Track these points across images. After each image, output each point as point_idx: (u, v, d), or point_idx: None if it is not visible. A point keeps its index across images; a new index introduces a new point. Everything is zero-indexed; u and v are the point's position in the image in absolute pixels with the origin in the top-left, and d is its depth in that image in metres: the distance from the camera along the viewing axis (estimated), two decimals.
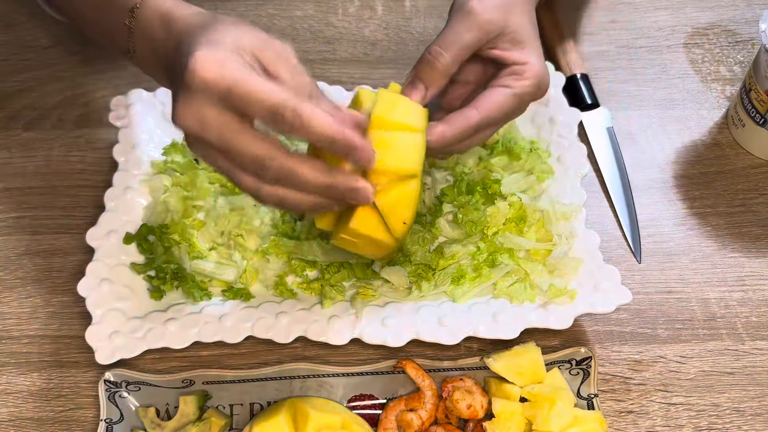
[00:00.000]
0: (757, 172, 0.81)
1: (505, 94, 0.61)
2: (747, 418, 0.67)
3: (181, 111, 0.52)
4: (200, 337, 0.66)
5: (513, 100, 0.62)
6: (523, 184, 0.75)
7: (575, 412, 0.64)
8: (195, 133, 0.52)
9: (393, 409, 0.65)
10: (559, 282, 0.68)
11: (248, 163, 0.53)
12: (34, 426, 0.67)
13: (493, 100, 0.61)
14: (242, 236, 0.72)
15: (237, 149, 0.52)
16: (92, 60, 0.89)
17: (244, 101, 0.50)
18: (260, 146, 0.52)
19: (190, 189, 0.74)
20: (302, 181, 0.53)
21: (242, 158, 0.53)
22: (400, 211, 0.59)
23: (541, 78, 0.63)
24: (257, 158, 0.52)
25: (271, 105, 0.50)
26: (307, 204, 0.55)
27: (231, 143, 0.52)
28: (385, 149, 0.57)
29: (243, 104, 0.51)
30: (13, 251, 0.76)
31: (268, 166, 0.52)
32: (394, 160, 0.57)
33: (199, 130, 0.52)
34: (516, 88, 0.62)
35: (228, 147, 0.52)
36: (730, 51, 0.91)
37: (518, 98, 0.62)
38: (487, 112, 0.61)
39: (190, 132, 0.52)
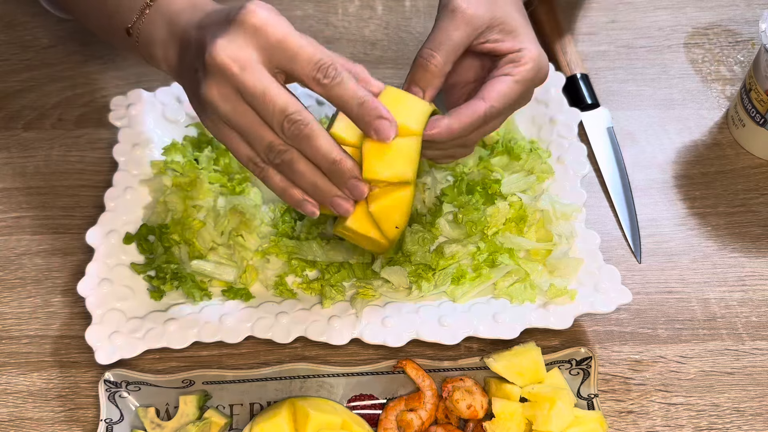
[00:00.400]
0: (757, 172, 0.81)
1: (508, 81, 0.61)
2: (747, 418, 0.67)
3: (225, 47, 0.52)
4: (200, 337, 0.66)
5: (516, 87, 0.62)
6: (523, 184, 0.75)
7: (575, 412, 0.64)
8: (232, 73, 0.53)
9: (393, 409, 0.65)
10: (559, 282, 0.68)
11: (278, 114, 0.53)
12: (34, 426, 0.67)
13: (498, 89, 0.61)
14: (242, 236, 0.72)
15: (271, 96, 0.53)
16: (92, 60, 0.89)
17: (293, 52, 0.53)
18: (292, 100, 0.54)
19: (190, 189, 0.74)
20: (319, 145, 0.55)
21: (273, 107, 0.53)
22: (393, 217, 0.60)
23: (539, 61, 0.63)
24: (287, 107, 0.53)
25: (319, 59, 0.53)
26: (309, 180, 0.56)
27: (267, 89, 0.53)
28: (379, 157, 0.57)
29: (290, 55, 0.53)
30: (13, 251, 0.76)
31: (296, 120, 0.54)
32: (387, 169, 0.57)
33: (239, 71, 0.53)
34: (516, 75, 0.61)
35: (263, 92, 0.53)
36: (730, 51, 0.91)
37: (521, 84, 0.62)
38: (492, 101, 0.60)
39: (227, 69, 0.53)
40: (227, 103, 0.54)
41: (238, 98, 0.54)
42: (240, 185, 0.75)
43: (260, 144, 0.55)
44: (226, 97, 0.54)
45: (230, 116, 0.54)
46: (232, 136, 0.56)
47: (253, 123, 0.54)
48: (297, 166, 0.56)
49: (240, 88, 0.53)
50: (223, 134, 0.56)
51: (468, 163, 0.77)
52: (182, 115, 0.80)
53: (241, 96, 0.54)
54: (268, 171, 0.57)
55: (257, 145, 0.55)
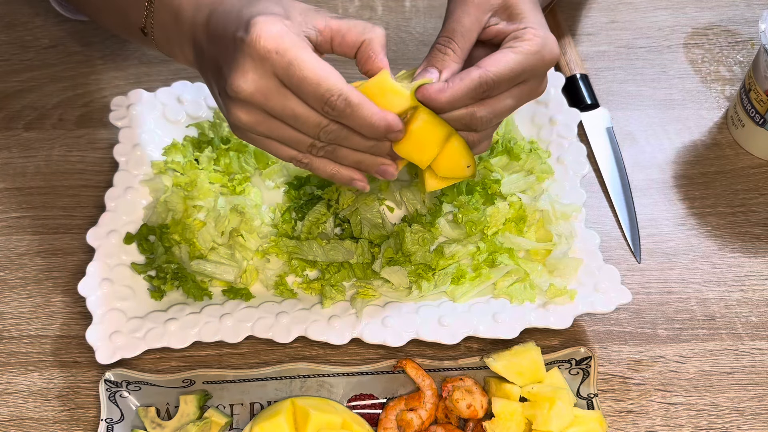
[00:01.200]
0: (757, 172, 0.81)
1: (506, 52, 0.58)
2: (746, 417, 0.67)
3: (243, 81, 0.53)
4: (200, 337, 0.67)
5: (515, 59, 0.58)
6: (523, 184, 0.75)
7: (575, 412, 0.64)
8: (258, 102, 0.53)
9: (393, 409, 0.65)
10: (558, 282, 0.68)
11: (312, 128, 0.55)
12: (34, 426, 0.67)
13: (495, 58, 0.58)
14: (242, 236, 0.72)
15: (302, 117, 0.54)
16: (92, 60, 0.89)
17: (297, 84, 0.53)
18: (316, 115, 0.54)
19: (190, 189, 0.74)
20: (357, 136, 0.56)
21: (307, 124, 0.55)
22: (460, 164, 0.61)
23: (544, 39, 0.59)
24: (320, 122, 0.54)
25: (326, 91, 0.53)
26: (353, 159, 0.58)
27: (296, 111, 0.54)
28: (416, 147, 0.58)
29: (296, 86, 0.53)
30: (14, 251, 0.76)
31: (332, 130, 0.55)
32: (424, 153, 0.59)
33: (263, 100, 0.53)
34: (517, 47, 0.59)
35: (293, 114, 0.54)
36: (730, 51, 0.91)
37: (522, 56, 0.58)
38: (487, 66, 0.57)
39: (252, 101, 0.53)
40: (260, 125, 0.55)
41: (270, 119, 0.55)
42: (240, 185, 0.75)
43: (302, 146, 0.57)
44: (258, 122, 0.55)
45: (266, 133, 0.56)
46: (270, 144, 0.57)
47: (290, 134, 0.56)
48: (339, 153, 0.57)
49: (270, 113, 0.54)
50: (260, 144, 0.58)
51: None
52: (182, 115, 0.80)
53: (273, 117, 0.55)
54: (314, 162, 0.58)
55: (299, 147, 0.57)
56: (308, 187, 0.76)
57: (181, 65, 0.88)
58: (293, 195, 0.75)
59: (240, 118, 0.55)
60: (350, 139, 0.56)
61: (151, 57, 0.89)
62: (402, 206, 0.76)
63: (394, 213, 0.76)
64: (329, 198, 0.73)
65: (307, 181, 0.76)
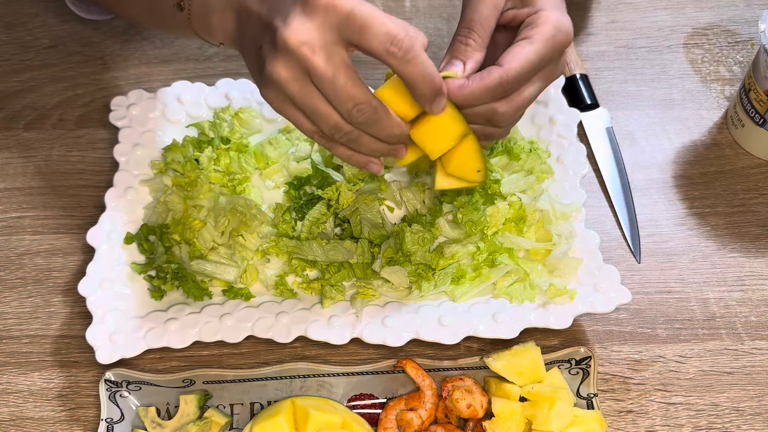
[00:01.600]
0: (757, 172, 0.81)
1: (523, 44, 0.59)
2: (746, 417, 0.67)
3: (296, 29, 0.52)
4: (200, 337, 0.67)
5: (533, 49, 0.59)
6: (523, 184, 0.75)
7: (575, 412, 0.64)
8: (304, 56, 0.52)
9: (393, 409, 0.66)
10: (558, 282, 0.68)
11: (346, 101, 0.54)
12: (34, 425, 0.67)
13: (513, 52, 0.59)
14: (242, 236, 0.72)
15: (341, 82, 0.53)
16: (92, 60, 0.89)
17: (364, 25, 0.52)
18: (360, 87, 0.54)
19: (190, 189, 0.74)
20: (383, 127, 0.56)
21: (342, 94, 0.54)
22: (470, 165, 0.62)
23: (557, 22, 0.60)
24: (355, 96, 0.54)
25: (392, 30, 0.52)
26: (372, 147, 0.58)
27: (337, 75, 0.53)
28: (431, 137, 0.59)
29: (361, 28, 0.52)
30: (14, 251, 0.76)
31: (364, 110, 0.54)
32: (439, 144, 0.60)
33: (310, 54, 0.52)
34: (532, 36, 0.59)
35: (333, 77, 0.53)
36: (730, 51, 0.91)
37: (538, 45, 0.59)
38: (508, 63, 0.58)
39: (298, 53, 0.52)
40: (295, 84, 0.54)
41: (306, 80, 0.54)
42: (240, 185, 0.75)
43: (326, 124, 0.56)
44: (295, 78, 0.54)
45: (297, 97, 0.55)
46: (296, 113, 0.57)
47: (319, 104, 0.55)
48: (361, 140, 0.57)
49: (310, 71, 0.53)
50: (285, 110, 0.57)
51: None
52: (183, 115, 0.80)
53: (310, 78, 0.54)
54: (332, 145, 0.58)
55: (322, 124, 0.56)
56: (308, 187, 0.76)
57: (181, 65, 0.88)
58: (293, 195, 0.75)
59: (279, 71, 0.54)
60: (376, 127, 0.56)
61: (151, 57, 0.89)
62: (402, 206, 0.76)
63: (394, 213, 0.76)
64: (329, 198, 0.73)
65: (307, 181, 0.76)
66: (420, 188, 0.75)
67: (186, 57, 0.89)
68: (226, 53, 0.89)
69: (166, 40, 0.90)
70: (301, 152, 0.78)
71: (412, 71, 0.54)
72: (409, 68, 0.54)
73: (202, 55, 0.89)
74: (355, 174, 0.75)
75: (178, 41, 0.90)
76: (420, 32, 0.55)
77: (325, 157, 0.78)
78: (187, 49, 0.90)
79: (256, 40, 0.56)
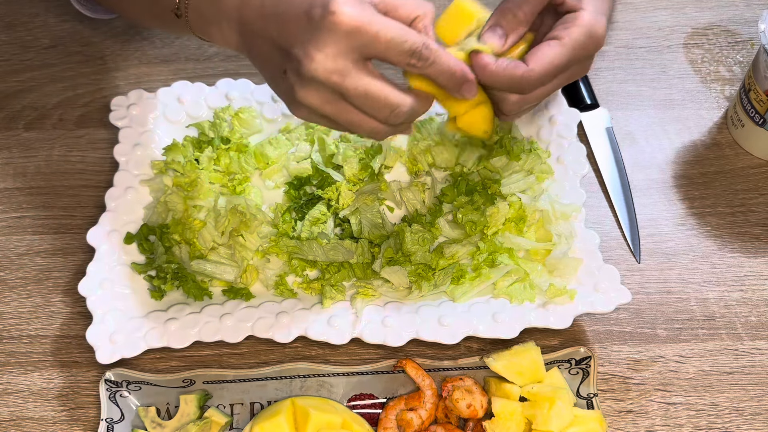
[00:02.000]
0: (757, 172, 0.81)
1: (553, 45, 0.60)
2: (746, 417, 0.67)
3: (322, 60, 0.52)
4: (201, 337, 0.67)
5: (561, 51, 0.60)
6: (523, 184, 0.75)
7: (575, 412, 0.64)
8: (333, 82, 0.53)
9: (393, 409, 0.66)
10: (558, 282, 0.68)
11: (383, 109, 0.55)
12: (34, 425, 0.67)
13: (542, 52, 0.60)
14: (243, 236, 0.72)
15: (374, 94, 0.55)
16: (92, 60, 0.89)
17: (385, 45, 0.53)
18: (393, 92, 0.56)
19: (190, 189, 0.74)
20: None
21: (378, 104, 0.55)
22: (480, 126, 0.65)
23: (592, 27, 0.61)
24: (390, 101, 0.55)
25: (411, 45, 0.54)
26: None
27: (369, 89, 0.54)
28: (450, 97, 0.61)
29: (383, 48, 0.53)
30: (14, 251, 0.76)
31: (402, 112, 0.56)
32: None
33: (339, 80, 0.53)
34: (564, 38, 0.60)
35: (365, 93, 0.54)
36: (730, 51, 0.91)
37: (567, 49, 0.60)
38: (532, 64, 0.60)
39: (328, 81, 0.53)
40: (328, 106, 0.55)
41: (339, 99, 0.55)
42: (240, 185, 0.75)
43: (364, 129, 0.57)
44: (328, 101, 0.55)
45: (331, 115, 0.56)
46: (329, 124, 0.58)
47: (354, 116, 0.56)
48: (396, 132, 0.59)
49: (343, 94, 0.54)
50: (319, 122, 0.58)
51: (468, 163, 0.77)
52: (183, 115, 0.80)
53: (343, 98, 0.55)
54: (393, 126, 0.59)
55: (360, 130, 0.57)
56: (308, 187, 0.76)
57: (181, 65, 0.88)
58: (293, 195, 0.75)
59: (312, 99, 0.55)
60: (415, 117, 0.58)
61: (152, 57, 0.89)
62: (402, 206, 0.76)
63: (394, 213, 0.76)
64: (329, 198, 0.73)
65: (307, 181, 0.76)
66: (420, 188, 0.75)
67: (186, 57, 0.89)
68: (226, 53, 0.89)
69: (166, 40, 0.90)
70: (301, 152, 0.78)
71: (435, 72, 0.56)
72: (432, 71, 0.56)
73: (202, 55, 0.89)
74: (355, 174, 0.75)
75: (178, 41, 0.90)
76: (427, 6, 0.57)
77: (325, 157, 0.78)
78: (187, 49, 0.90)
79: (276, 63, 0.56)
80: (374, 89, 0.54)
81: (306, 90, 0.54)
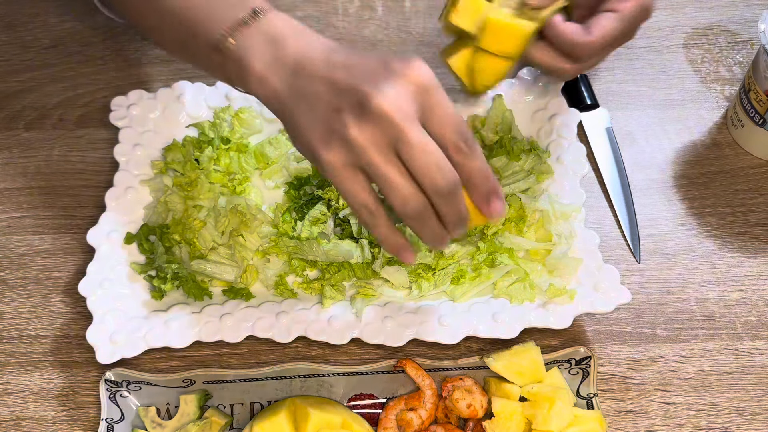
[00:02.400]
0: (757, 172, 0.81)
1: (611, 18, 0.67)
2: (746, 417, 0.67)
3: (392, 97, 0.52)
4: (201, 337, 0.67)
5: (618, 26, 0.67)
6: (523, 184, 0.75)
7: (575, 412, 0.64)
8: (396, 122, 0.52)
9: (393, 409, 0.66)
10: (558, 282, 0.68)
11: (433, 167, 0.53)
12: (34, 425, 0.67)
13: (601, 24, 0.66)
14: (243, 236, 0.72)
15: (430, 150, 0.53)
16: (92, 60, 0.89)
17: (445, 117, 0.54)
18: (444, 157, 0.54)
19: (190, 189, 0.74)
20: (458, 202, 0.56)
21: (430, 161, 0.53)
22: (487, 75, 0.71)
23: (645, 1, 0.67)
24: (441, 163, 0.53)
25: (463, 129, 0.54)
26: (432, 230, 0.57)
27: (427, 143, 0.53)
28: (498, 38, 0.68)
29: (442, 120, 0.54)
30: (14, 251, 0.76)
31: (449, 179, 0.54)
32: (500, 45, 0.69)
33: (401, 121, 0.52)
34: (620, 12, 0.67)
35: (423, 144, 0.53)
36: (730, 51, 0.91)
37: (623, 23, 0.67)
38: (593, 36, 0.66)
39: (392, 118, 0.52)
40: (376, 150, 0.53)
41: (389, 148, 0.53)
42: (240, 185, 0.75)
43: (397, 195, 0.54)
44: (378, 145, 0.52)
45: (373, 164, 0.53)
46: (354, 180, 0.54)
47: (396, 174, 0.53)
48: (427, 217, 0.55)
49: (401, 139, 0.52)
50: (343, 174, 0.54)
51: None
52: (183, 115, 0.80)
53: (395, 147, 0.53)
54: (378, 221, 0.56)
55: (393, 195, 0.54)
56: (308, 187, 0.76)
57: (181, 65, 0.88)
58: (293, 195, 0.75)
59: (365, 135, 0.52)
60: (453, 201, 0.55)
61: (152, 57, 0.89)
62: None
63: None
64: (329, 198, 0.73)
65: (307, 181, 0.76)
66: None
67: None
68: None
69: None
70: None
71: (474, 166, 0.55)
72: (471, 164, 0.55)
73: None
74: None
75: None
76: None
77: None
78: None
79: (329, 103, 0.54)
80: (431, 144, 0.53)
81: (362, 125, 0.52)
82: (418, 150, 0.52)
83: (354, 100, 0.53)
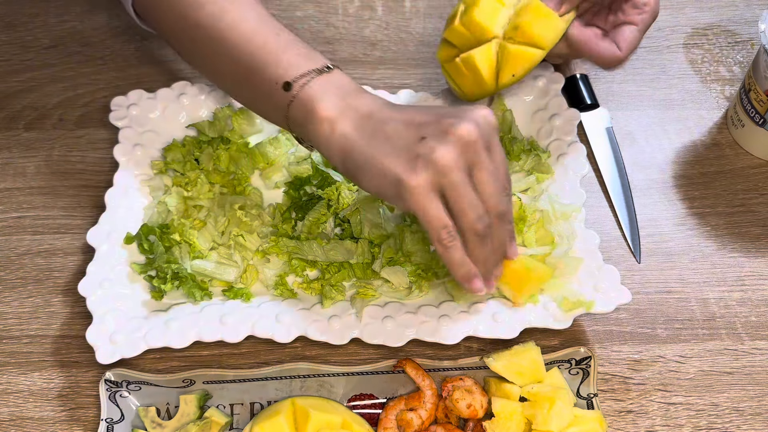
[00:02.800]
0: (757, 172, 0.81)
1: (634, 31, 0.74)
2: (746, 417, 0.67)
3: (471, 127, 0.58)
4: (201, 337, 0.66)
5: (640, 35, 0.74)
6: (523, 184, 0.75)
7: (575, 412, 0.64)
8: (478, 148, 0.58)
9: (393, 409, 0.66)
10: (571, 294, 0.68)
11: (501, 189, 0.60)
12: (34, 425, 0.67)
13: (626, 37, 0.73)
14: (242, 236, 0.72)
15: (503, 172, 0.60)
16: (92, 60, 0.89)
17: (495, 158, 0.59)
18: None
19: (190, 189, 0.74)
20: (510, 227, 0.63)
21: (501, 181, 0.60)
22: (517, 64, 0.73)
23: (656, 9, 0.74)
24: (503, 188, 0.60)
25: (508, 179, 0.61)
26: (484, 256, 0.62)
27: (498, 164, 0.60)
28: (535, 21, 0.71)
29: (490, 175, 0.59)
30: (14, 251, 0.76)
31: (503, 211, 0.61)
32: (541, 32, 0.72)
33: (482, 147, 0.58)
34: (640, 24, 0.74)
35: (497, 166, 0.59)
36: (730, 51, 0.91)
37: (642, 32, 0.74)
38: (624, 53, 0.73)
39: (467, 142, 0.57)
40: (458, 172, 0.57)
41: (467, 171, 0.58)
42: (240, 185, 0.75)
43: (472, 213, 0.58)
44: (460, 167, 0.57)
45: (454, 185, 0.57)
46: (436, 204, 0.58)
47: (472, 194, 0.58)
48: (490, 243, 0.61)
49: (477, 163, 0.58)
50: (427, 199, 0.57)
51: None
52: (183, 115, 0.80)
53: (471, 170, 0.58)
54: (456, 243, 0.59)
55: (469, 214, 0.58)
56: (308, 187, 0.76)
57: (181, 65, 0.88)
58: (293, 195, 0.75)
59: (450, 156, 0.57)
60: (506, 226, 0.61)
61: (151, 57, 0.89)
62: None
63: (394, 213, 0.76)
64: (329, 198, 0.73)
65: (307, 181, 0.76)
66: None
67: None
68: None
69: None
70: (301, 152, 0.78)
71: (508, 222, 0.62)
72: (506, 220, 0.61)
73: None
74: None
75: None
76: None
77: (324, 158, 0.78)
78: None
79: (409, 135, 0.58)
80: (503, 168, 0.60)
81: (449, 147, 0.57)
82: (492, 173, 0.59)
83: (437, 130, 0.58)
